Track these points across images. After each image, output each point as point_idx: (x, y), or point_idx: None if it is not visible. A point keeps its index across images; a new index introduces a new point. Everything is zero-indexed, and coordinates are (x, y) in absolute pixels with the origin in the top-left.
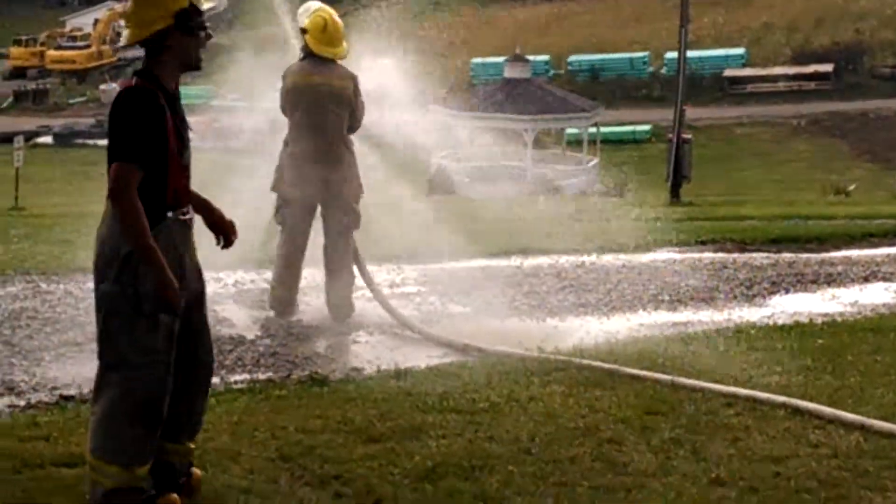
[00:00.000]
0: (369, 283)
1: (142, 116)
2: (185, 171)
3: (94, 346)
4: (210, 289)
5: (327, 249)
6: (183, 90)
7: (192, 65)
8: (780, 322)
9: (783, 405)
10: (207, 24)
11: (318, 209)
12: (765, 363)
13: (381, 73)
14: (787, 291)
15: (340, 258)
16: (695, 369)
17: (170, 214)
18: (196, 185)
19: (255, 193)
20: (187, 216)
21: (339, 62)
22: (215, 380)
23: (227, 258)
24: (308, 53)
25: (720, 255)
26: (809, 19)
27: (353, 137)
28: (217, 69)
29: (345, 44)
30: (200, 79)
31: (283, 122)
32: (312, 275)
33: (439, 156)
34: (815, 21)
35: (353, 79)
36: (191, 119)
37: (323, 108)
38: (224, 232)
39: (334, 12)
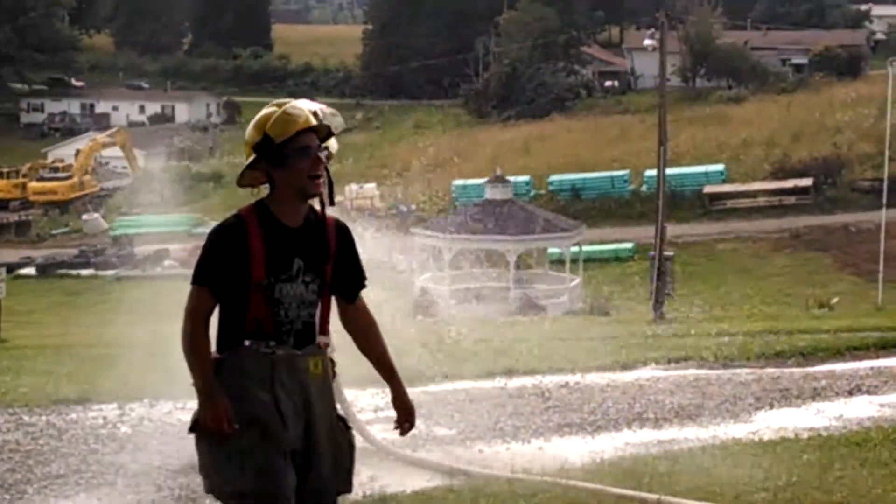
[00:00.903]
0: (346, 409)
1: (216, 245)
2: (275, 304)
3: (77, 477)
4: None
5: None
6: (164, 218)
7: (305, 192)
8: (765, 437)
9: None
10: (319, 146)
11: None
12: (752, 479)
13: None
14: (772, 407)
15: None
16: (681, 487)
17: (247, 343)
18: (179, 307)
19: None
20: (274, 351)
21: None
22: None
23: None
24: None
25: (704, 371)
26: (787, 134)
27: None
28: (200, 196)
29: None
30: (185, 206)
31: None
32: None
33: (422, 278)
34: (793, 136)
35: None
36: (173, 247)
37: None
38: (399, 415)
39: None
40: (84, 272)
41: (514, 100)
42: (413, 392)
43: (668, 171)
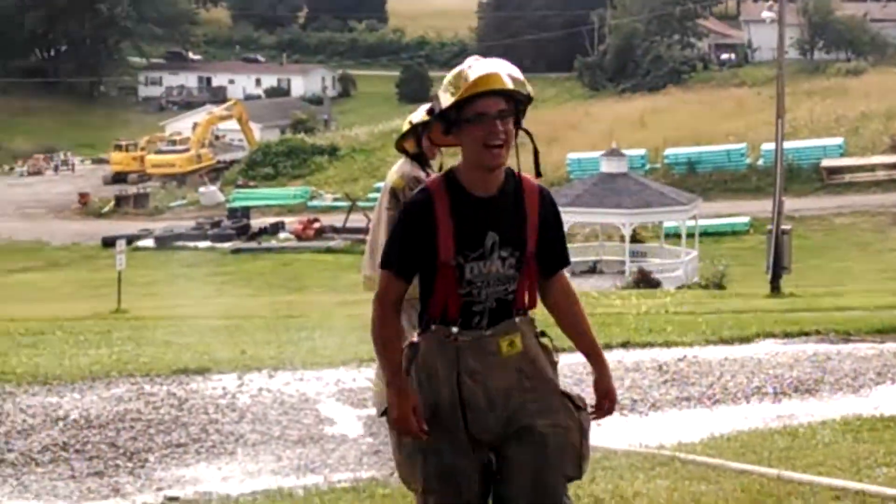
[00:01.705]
0: None
1: (402, 223)
2: (465, 285)
3: (198, 447)
4: (312, 388)
5: None
6: (280, 191)
7: (481, 163)
8: (887, 413)
9: (894, 498)
10: (503, 111)
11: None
12: (873, 455)
13: None
14: (894, 382)
15: None
16: (801, 462)
17: (433, 328)
18: (294, 281)
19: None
20: (457, 337)
21: (411, 162)
22: (318, 479)
23: (329, 356)
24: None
25: (823, 346)
26: None
27: None
28: (316, 169)
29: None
30: (300, 179)
31: None
32: None
33: None
34: None
35: (408, 179)
36: (289, 219)
37: (380, 203)
38: (597, 398)
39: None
40: (201, 244)
41: (630, 73)
42: None
43: (786, 144)
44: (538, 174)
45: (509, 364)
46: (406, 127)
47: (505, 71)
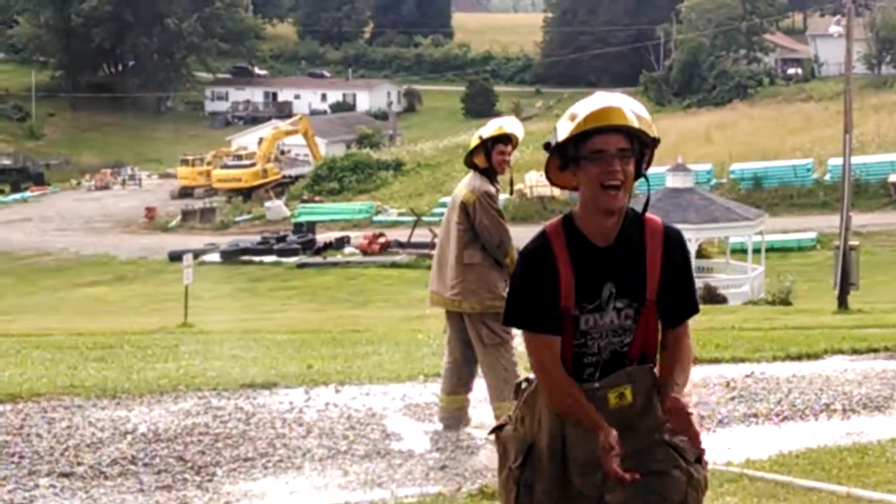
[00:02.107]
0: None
1: (524, 276)
2: (580, 336)
3: (265, 461)
4: (378, 402)
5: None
6: (345, 206)
7: (596, 204)
8: None
9: None
10: (623, 150)
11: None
12: None
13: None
14: None
15: (485, 370)
16: (871, 480)
17: None
18: (359, 295)
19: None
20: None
21: (481, 176)
22: (385, 493)
23: (395, 371)
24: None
25: (892, 363)
26: None
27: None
28: (380, 184)
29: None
30: (365, 194)
31: None
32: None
33: None
34: None
35: (480, 194)
36: (354, 234)
37: (449, 218)
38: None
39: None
40: (266, 259)
41: (696, 87)
42: None
43: (853, 159)
44: (667, 226)
45: (619, 416)
46: (476, 142)
47: (628, 107)
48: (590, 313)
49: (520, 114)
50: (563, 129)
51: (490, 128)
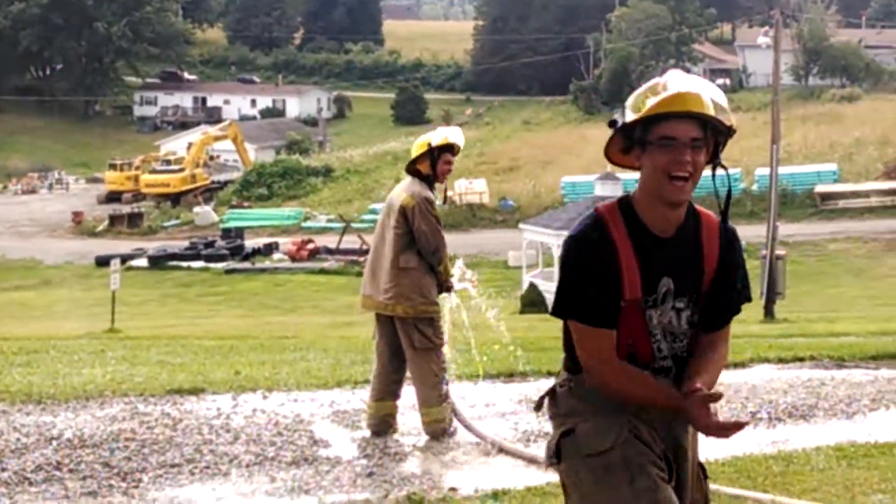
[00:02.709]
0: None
1: (578, 264)
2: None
3: (192, 467)
4: (306, 409)
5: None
6: (274, 212)
7: (660, 195)
8: (881, 440)
9: None
10: (691, 141)
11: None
12: (867, 481)
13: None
14: (888, 408)
15: (414, 375)
16: (796, 488)
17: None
18: (288, 301)
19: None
20: None
21: (420, 182)
22: (312, 500)
23: (324, 377)
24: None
25: (818, 371)
26: None
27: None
28: (310, 190)
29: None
30: (294, 200)
31: None
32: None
33: (531, 274)
34: None
35: (420, 199)
36: (283, 240)
37: (384, 222)
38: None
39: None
40: (194, 264)
41: (625, 96)
42: (525, 388)
43: (780, 169)
44: (724, 222)
45: (679, 430)
46: (423, 149)
47: (708, 93)
48: (650, 308)
49: (450, 121)
50: (637, 106)
51: (438, 136)
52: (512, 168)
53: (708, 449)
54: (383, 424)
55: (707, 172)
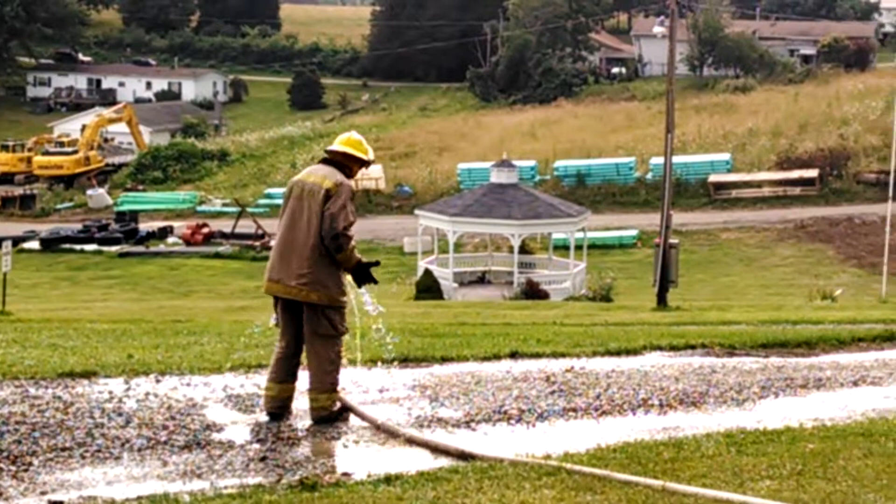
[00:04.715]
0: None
1: None
2: None
3: (83, 451)
4: (199, 393)
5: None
6: (169, 195)
7: None
8: (770, 426)
9: None
10: None
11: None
12: (756, 468)
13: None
14: (777, 396)
15: (311, 360)
16: (686, 474)
17: None
18: (182, 285)
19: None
20: None
21: (336, 170)
22: (204, 484)
23: (217, 361)
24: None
25: (709, 359)
26: (794, 125)
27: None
28: (205, 174)
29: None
30: (187, 184)
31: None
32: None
33: (426, 260)
34: (799, 127)
35: (343, 185)
36: (177, 224)
37: (298, 206)
38: None
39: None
40: (88, 247)
41: (521, 84)
42: (419, 373)
43: (675, 159)
44: None
45: None
46: (362, 153)
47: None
48: None
49: (346, 106)
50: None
51: (370, 153)
52: (408, 154)
53: (599, 435)
54: (282, 407)
55: (601, 161)
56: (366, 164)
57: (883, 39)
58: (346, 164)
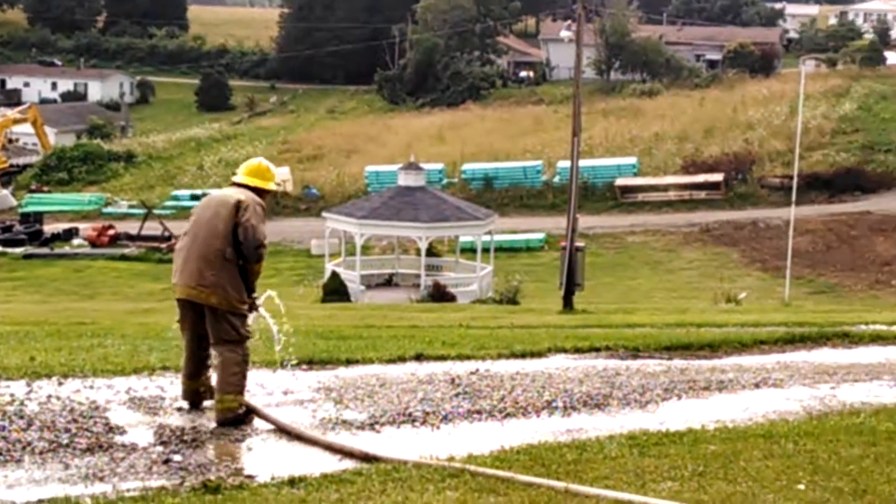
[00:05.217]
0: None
1: None
2: None
3: None
4: (102, 395)
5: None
6: (74, 197)
7: None
8: (672, 428)
9: None
10: None
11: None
12: (657, 469)
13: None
14: (680, 398)
15: (217, 363)
16: (588, 475)
17: None
18: (87, 287)
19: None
20: None
21: (247, 191)
22: (106, 487)
23: (121, 363)
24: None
25: (613, 361)
26: (699, 129)
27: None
28: (111, 175)
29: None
30: (93, 185)
31: None
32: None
33: (333, 262)
34: (705, 131)
35: (255, 202)
36: (83, 225)
37: (208, 214)
38: None
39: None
40: None
41: (430, 87)
42: (324, 375)
43: (581, 162)
44: None
45: None
46: (268, 186)
47: None
48: None
49: (254, 108)
50: None
51: (277, 178)
52: (316, 156)
53: (503, 437)
54: (196, 397)
55: (508, 164)
56: (271, 192)
57: (787, 45)
58: (265, 202)
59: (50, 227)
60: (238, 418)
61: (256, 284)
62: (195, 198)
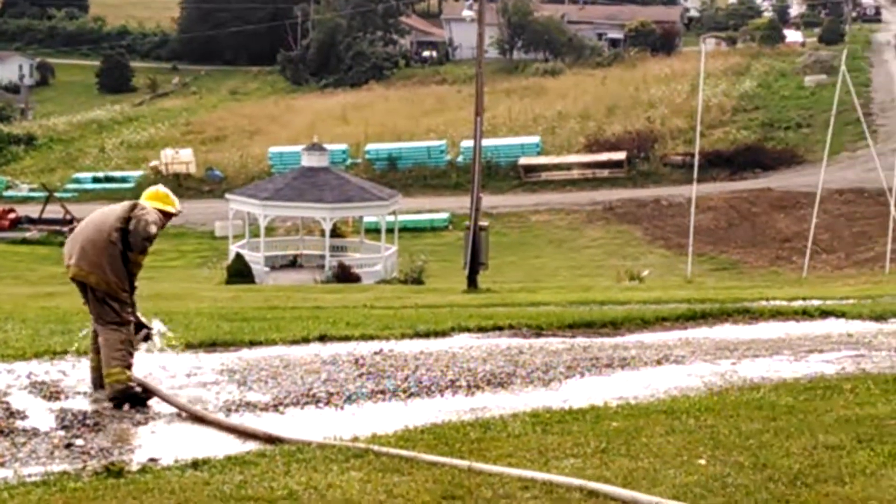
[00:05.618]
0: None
1: None
2: None
3: None
4: (2, 380)
5: None
6: None
7: None
8: (575, 405)
9: (579, 488)
10: None
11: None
12: (561, 446)
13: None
14: (583, 375)
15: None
16: (492, 454)
17: None
18: None
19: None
20: None
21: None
22: (7, 473)
23: (22, 348)
24: None
25: (517, 340)
26: (602, 108)
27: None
28: (12, 159)
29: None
30: None
31: None
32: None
33: (237, 244)
34: (608, 110)
35: (141, 203)
36: None
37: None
38: None
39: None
40: None
41: (332, 67)
42: (227, 357)
43: (485, 142)
44: None
45: None
46: (167, 207)
47: None
48: None
49: (156, 90)
50: None
51: (177, 205)
52: (219, 138)
53: (407, 417)
54: (100, 377)
55: (412, 144)
56: (171, 216)
57: (688, 24)
58: (164, 222)
59: None
60: (129, 391)
61: (139, 281)
62: (97, 180)
